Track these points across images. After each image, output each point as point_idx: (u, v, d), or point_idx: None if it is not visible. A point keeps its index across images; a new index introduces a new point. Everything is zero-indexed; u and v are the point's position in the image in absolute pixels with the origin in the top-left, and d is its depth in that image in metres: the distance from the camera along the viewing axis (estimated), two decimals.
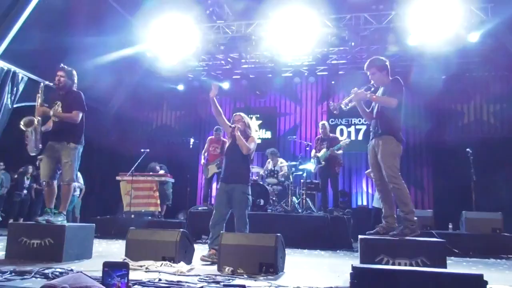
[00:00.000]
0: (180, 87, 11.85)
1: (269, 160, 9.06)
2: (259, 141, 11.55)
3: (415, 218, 3.99)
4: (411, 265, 3.51)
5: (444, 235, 5.88)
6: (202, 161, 8.46)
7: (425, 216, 7.32)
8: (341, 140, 8.02)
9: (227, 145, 5.04)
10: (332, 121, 11.11)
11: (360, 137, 11.10)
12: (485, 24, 9.14)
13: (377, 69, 4.37)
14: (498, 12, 9.04)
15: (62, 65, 4.84)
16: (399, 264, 3.55)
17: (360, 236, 3.88)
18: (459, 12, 9.02)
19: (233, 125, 4.76)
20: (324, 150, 7.78)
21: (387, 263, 3.58)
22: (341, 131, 11.20)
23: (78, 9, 8.83)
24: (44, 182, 4.69)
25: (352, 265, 2.28)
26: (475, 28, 9.13)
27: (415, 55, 10.25)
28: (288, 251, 4.64)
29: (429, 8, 8.95)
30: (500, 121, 10.24)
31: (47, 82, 4.82)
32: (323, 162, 7.77)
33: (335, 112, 4.67)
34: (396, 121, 4.19)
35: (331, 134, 8.17)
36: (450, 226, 7.45)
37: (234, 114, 5.03)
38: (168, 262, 3.90)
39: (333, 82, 11.02)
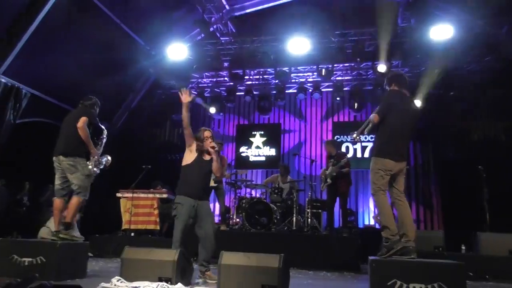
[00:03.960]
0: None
1: (278, 175, 8.77)
2: (261, 158, 11.44)
3: (392, 236, 3.85)
4: None
5: (457, 257, 5.58)
6: None
7: (435, 236, 7.00)
8: (347, 156, 7.83)
9: (193, 159, 4.65)
10: (337, 138, 10.91)
11: (366, 154, 10.87)
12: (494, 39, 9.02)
13: (388, 85, 4.45)
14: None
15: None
16: None
17: (370, 257, 3.63)
18: (469, 27, 8.92)
19: (215, 148, 4.65)
20: (331, 167, 7.56)
21: None
22: (347, 148, 10.99)
23: (83, 28, 8.80)
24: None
25: None
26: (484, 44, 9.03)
27: (421, 71, 10.12)
28: (292, 272, 4.38)
29: (436, 22, 8.85)
30: (510, 138, 9.99)
31: None
32: (329, 180, 7.53)
33: (357, 140, 4.63)
34: (380, 137, 4.17)
35: (338, 151, 7.92)
36: (463, 247, 7.12)
37: (204, 129, 4.79)
38: (165, 283, 3.67)
39: (338, 99, 10.84)
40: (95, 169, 4.88)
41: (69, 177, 4.60)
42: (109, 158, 5.11)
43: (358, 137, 4.54)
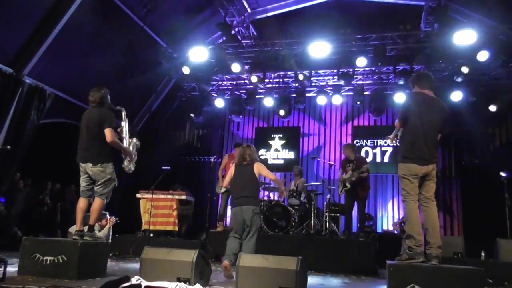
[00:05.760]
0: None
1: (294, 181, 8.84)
2: (280, 161, 11.45)
3: (416, 246, 3.76)
4: None
5: (477, 264, 5.50)
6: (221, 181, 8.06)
7: (455, 242, 6.93)
8: (367, 162, 7.81)
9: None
10: (357, 142, 10.85)
11: (386, 159, 10.77)
12: None
13: (412, 87, 4.41)
14: None
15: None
16: None
17: (388, 262, 3.62)
18: (493, 32, 8.75)
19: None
20: (350, 172, 7.50)
21: None
22: (366, 152, 10.91)
23: (107, 30, 8.97)
24: None
25: None
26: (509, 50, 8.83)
27: (444, 77, 9.98)
28: (309, 275, 4.39)
29: (457, 28, 8.72)
30: None
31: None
32: (348, 185, 7.48)
33: (394, 143, 4.57)
34: (403, 142, 4.17)
35: (357, 155, 7.88)
36: (483, 254, 7.01)
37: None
38: (184, 284, 3.72)
39: (358, 103, 10.77)
40: (131, 166, 5.01)
41: (98, 182, 4.64)
42: (136, 141, 5.11)
43: (394, 141, 4.47)
